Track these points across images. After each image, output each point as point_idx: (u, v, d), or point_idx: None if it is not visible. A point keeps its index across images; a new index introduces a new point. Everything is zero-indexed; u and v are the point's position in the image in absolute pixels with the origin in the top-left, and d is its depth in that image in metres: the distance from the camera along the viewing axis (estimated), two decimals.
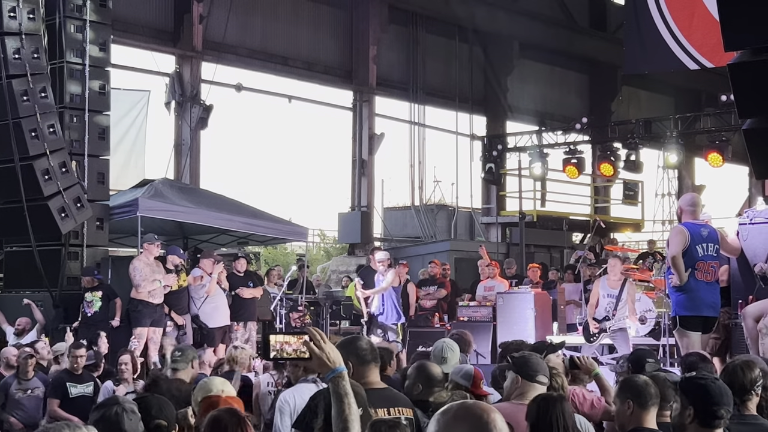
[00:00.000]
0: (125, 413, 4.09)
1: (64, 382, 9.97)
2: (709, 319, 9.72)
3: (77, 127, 14.14)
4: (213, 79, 20.49)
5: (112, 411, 4.07)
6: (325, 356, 3.45)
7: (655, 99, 30.62)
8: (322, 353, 3.45)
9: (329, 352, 3.46)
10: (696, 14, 17.73)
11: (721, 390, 4.41)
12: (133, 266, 13.36)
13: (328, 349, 3.47)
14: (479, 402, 3.06)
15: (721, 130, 19.99)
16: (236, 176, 26.11)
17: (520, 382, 5.46)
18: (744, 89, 4.41)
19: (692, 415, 4.35)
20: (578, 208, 25.51)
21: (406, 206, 25.53)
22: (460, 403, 3.00)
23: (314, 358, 3.44)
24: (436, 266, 17.27)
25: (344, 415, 3.42)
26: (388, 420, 4.14)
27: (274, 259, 29.83)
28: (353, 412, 3.43)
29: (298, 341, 3.46)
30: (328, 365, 3.46)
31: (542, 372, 5.47)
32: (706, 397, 4.35)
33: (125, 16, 18.74)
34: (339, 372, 3.46)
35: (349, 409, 3.43)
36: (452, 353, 6.98)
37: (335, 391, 3.45)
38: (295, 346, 3.46)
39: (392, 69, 24.64)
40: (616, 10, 27.11)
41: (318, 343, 3.45)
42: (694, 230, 9.73)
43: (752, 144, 4.38)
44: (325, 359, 3.45)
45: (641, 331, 13.55)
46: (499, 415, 2.92)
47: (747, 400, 5.24)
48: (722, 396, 4.38)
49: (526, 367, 5.49)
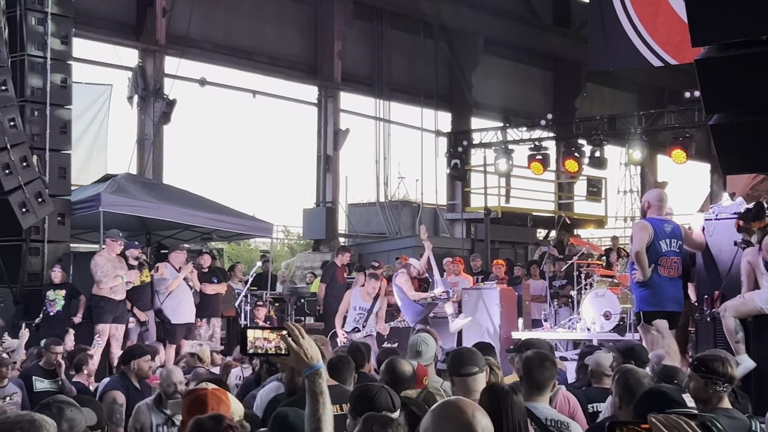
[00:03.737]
0: (65, 407, 4.07)
1: (31, 375, 9.85)
2: (673, 314, 9.78)
3: (38, 121, 13.97)
4: (176, 73, 20.32)
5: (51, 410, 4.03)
6: (302, 352, 3.37)
7: (618, 96, 30.81)
8: (300, 349, 3.36)
9: (307, 348, 3.38)
10: (660, 11, 17.82)
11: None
12: (95, 262, 13.23)
13: (306, 345, 3.38)
14: (463, 399, 3.10)
15: (684, 126, 20.13)
16: (200, 171, 26.05)
17: (455, 382, 5.48)
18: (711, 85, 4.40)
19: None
20: (542, 205, 25.63)
21: (371, 202, 25.50)
22: (445, 402, 3.07)
23: (292, 353, 3.36)
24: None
25: (318, 414, 3.34)
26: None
27: (237, 255, 29.71)
28: (327, 411, 3.35)
29: (276, 337, 3.38)
30: (305, 361, 3.37)
31: (470, 363, 5.42)
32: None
33: (87, 9, 18.53)
34: (316, 369, 3.38)
35: (324, 408, 3.34)
36: (427, 347, 7.00)
37: (311, 388, 3.37)
38: (273, 342, 3.37)
39: (357, 64, 24.59)
40: (581, 8, 27.26)
41: (296, 339, 3.37)
42: (658, 226, 9.78)
43: (719, 139, 4.38)
44: (303, 355, 3.37)
45: (606, 327, 13.61)
46: (481, 411, 2.99)
47: (723, 395, 5.29)
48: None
49: (453, 366, 5.49)
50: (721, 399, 5.31)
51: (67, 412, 4.11)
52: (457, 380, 5.41)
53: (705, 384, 5.29)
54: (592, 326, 13.76)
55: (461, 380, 5.37)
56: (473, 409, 2.96)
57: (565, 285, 16.62)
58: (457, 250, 21.77)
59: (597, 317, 13.79)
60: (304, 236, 25.28)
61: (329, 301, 15.58)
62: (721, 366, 5.31)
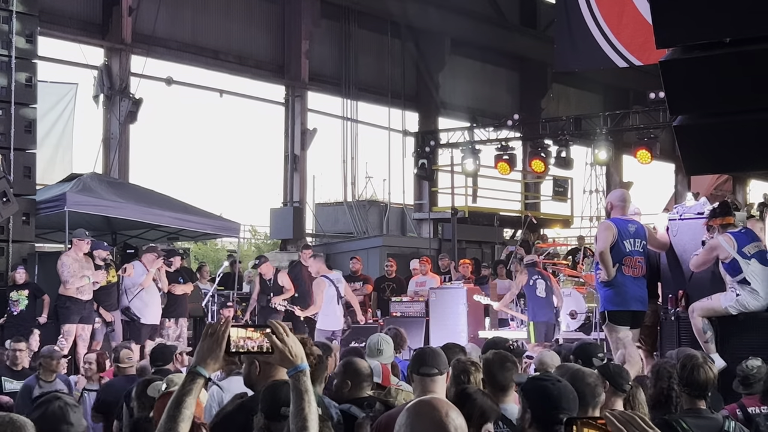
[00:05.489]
0: (68, 407, 4.02)
1: (0, 376, 9.82)
2: (637, 314, 9.86)
3: (3, 120, 13.86)
4: (142, 72, 20.19)
5: (54, 406, 4.00)
6: (287, 350, 3.31)
7: (584, 96, 31.00)
8: (284, 347, 3.31)
9: (291, 346, 3.33)
10: (625, 12, 17.98)
11: (561, 393, 4.09)
12: (62, 262, 13.15)
13: (291, 343, 3.33)
14: (438, 398, 3.13)
15: (649, 127, 20.32)
16: (166, 171, 25.83)
17: (414, 380, 5.47)
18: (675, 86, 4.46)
19: (530, 419, 4.07)
20: (509, 204, 25.74)
21: (338, 202, 25.49)
22: (419, 400, 3.10)
23: (276, 352, 3.31)
24: (358, 262, 17.43)
25: (304, 413, 3.29)
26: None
27: (204, 255, 29.57)
28: (312, 410, 3.30)
29: (260, 335, 3.33)
30: (290, 360, 3.32)
31: (431, 364, 5.38)
32: (544, 401, 4.05)
33: (53, 7, 18.39)
34: (302, 369, 3.33)
35: (309, 407, 3.29)
36: (387, 345, 7.12)
37: (296, 387, 3.32)
38: (257, 342, 3.33)
39: (324, 64, 24.57)
40: (547, 8, 27.38)
41: (281, 337, 3.32)
42: (622, 226, 9.87)
43: (683, 140, 4.44)
44: (288, 353, 3.31)
45: (572, 326, 13.71)
46: (455, 411, 3.02)
47: (701, 397, 5.35)
48: (562, 399, 4.06)
49: (414, 364, 5.49)
50: (692, 401, 5.34)
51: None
52: (416, 378, 5.40)
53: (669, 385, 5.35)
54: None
55: (420, 379, 5.35)
56: (447, 408, 2.98)
57: None
58: (425, 250, 21.82)
59: (563, 316, 13.89)
60: (271, 236, 25.20)
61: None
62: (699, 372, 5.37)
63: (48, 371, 9.24)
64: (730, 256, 9.12)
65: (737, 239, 9.16)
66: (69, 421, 3.96)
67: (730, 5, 4.20)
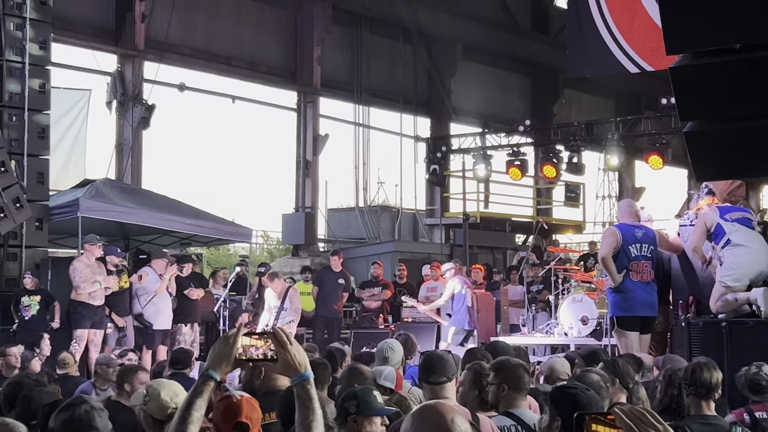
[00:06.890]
0: (95, 411, 4.03)
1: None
2: (646, 319, 9.86)
3: (16, 126, 13.94)
4: (155, 78, 20.26)
5: (81, 410, 4.01)
6: (290, 358, 3.27)
7: (596, 102, 30.96)
8: (288, 355, 3.27)
9: (295, 354, 3.29)
10: (637, 18, 17.96)
11: (591, 400, 4.18)
12: (74, 267, 13.19)
13: (294, 351, 3.29)
14: (443, 403, 3.12)
15: (661, 132, 20.28)
16: (179, 177, 25.94)
17: (424, 388, 5.54)
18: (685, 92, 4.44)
19: (560, 427, 4.10)
20: (521, 210, 25.72)
21: (350, 207, 25.50)
22: (424, 406, 3.09)
23: (279, 359, 3.27)
24: (379, 267, 17.38)
25: (308, 421, 3.26)
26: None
27: (216, 261, 29.63)
28: (317, 418, 3.26)
29: (264, 344, 3.30)
30: (294, 368, 3.28)
31: (439, 372, 5.43)
32: (576, 408, 4.00)
33: (66, 14, 18.47)
34: (305, 377, 3.29)
35: (314, 415, 3.25)
36: (393, 353, 7.14)
37: (300, 395, 3.28)
38: (261, 349, 3.29)
39: (336, 70, 24.60)
40: (559, 14, 27.36)
41: (284, 345, 3.28)
42: (627, 231, 9.88)
43: (693, 146, 4.43)
44: (291, 361, 3.27)
45: (583, 332, 13.69)
46: (461, 416, 3.00)
47: (708, 401, 5.33)
48: (591, 406, 4.11)
49: (422, 373, 5.54)
50: (699, 406, 5.34)
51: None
52: (426, 387, 5.50)
53: (679, 391, 5.34)
54: (569, 331, 13.84)
55: (430, 387, 5.45)
56: (453, 414, 2.98)
57: (542, 290, 16.70)
58: (436, 255, 21.81)
59: (574, 322, 13.87)
60: (283, 241, 25.23)
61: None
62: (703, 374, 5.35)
63: (103, 379, 9.05)
64: (715, 221, 9.28)
65: (720, 209, 9.47)
66: (95, 426, 3.97)
67: (739, 12, 4.21)
